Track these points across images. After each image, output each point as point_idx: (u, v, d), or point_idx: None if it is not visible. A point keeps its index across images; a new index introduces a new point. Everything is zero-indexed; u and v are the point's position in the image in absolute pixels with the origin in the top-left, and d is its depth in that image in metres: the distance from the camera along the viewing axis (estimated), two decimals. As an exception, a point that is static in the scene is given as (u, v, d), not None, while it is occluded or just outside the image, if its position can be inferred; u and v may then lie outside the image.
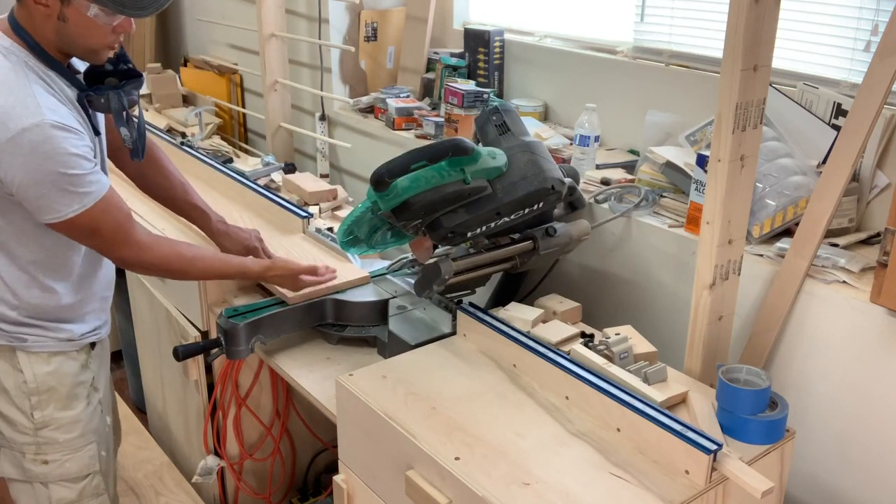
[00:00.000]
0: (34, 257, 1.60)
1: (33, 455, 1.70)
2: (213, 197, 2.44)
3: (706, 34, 2.13)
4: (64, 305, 1.67)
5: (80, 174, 1.47)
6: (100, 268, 1.74)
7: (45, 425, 1.69)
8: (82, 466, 1.76)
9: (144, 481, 2.38)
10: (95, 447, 1.78)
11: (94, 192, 1.50)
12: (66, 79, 1.54)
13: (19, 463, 1.71)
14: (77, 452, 1.74)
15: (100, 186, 1.51)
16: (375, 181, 1.51)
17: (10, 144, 1.41)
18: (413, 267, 1.99)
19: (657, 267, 1.88)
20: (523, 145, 1.64)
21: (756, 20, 1.34)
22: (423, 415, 1.45)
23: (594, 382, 1.44)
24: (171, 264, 1.67)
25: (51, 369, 1.67)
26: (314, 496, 2.39)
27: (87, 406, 1.75)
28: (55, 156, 1.44)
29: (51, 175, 1.44)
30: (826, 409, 1.62)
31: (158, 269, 1.70)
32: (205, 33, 3.76)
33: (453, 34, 2.86)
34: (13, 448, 1.71)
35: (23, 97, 1.43)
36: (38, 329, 1.65)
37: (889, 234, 1.42)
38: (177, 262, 1.68)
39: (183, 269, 1.70)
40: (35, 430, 1.69)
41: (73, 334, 1.70)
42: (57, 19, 1.46)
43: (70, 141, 1.45)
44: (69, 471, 1.74)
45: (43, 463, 1.71)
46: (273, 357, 1.86)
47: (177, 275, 1.73)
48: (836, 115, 1.80)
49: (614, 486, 1.28)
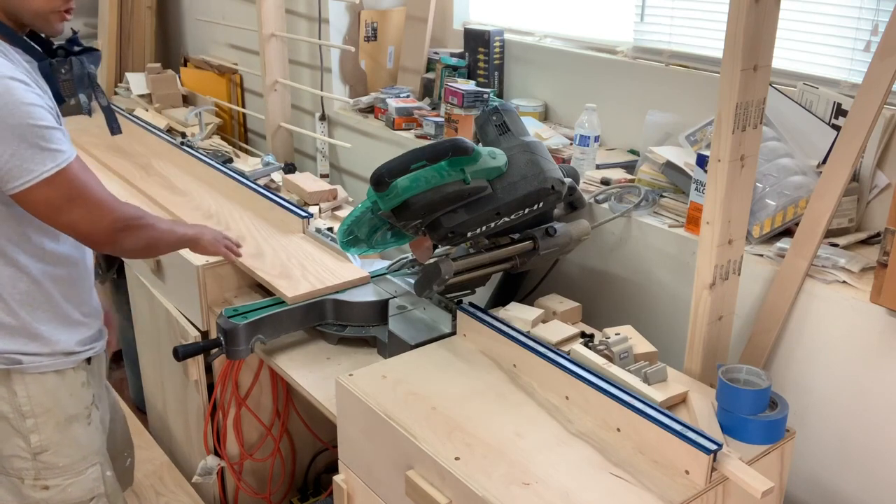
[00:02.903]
0: (33, 261, 1.53)
1: (32, 481, 1.62)
2: (213, 197, 2.45)
3: (706, 34, 2.13)
4: (55, 307, 1.59)
5: (49, 127, 1.37)
6: (78, 265, 1.65)
7: (43, 449, 1.61)
8: (86, 491, 1.68)
9: (144, 481, 2.39)
10: (99, 469, 1.70)
11: (67, 151, 1.40)
12: (23, 48, 1.46)
13: (17, 489, 1.63)
14: (79, 476, 1.66)
15: (69, 147, 1.42)
16: (375, 181, 1.51)
17: None
18: (413, 267, 1.99)
19: (657, 267, 1.88)
20: (523, 145, 1.64)
21: (756, 20, 1.34)
22: (423, 415, 1.45)
23: (594, 382, 1.44)
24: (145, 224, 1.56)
25: (48, 389, 1.60)
26: (314, 496, 2.40)
27: (87, 426, 1.67)
28: (19, 105, 1.33)
29: (18, 128, 1.33)
30: (826, 409, 1.62)
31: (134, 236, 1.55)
32: (205, 33, 3.75)
33: (453, 34, 2.86)
34: (10, 474, 1.62)
35: None
36: (34, 345, 1.57)
37: (889, 234, 1.41)
38: (151, 219, 1.59)
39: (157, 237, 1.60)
40: (34, 454, 1.61)
41: (69, 346, 1.61)
42: None
43: (32, 94, 1.36)
44: (72, 496, 1.66)
45: (43, 489, 1.63)
46: (273, 357, 1.86)
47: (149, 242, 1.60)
48: (836, 115, 1.80)
49: (614, 486, 1.28)
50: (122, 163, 2.73)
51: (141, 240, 1.57)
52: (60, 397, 1.62)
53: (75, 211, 1.44)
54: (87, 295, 1.68)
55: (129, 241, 1.55)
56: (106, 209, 1.48)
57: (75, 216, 1.45)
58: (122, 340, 2.99)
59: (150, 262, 2.24)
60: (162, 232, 1.63)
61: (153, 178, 2.61)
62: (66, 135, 1.47)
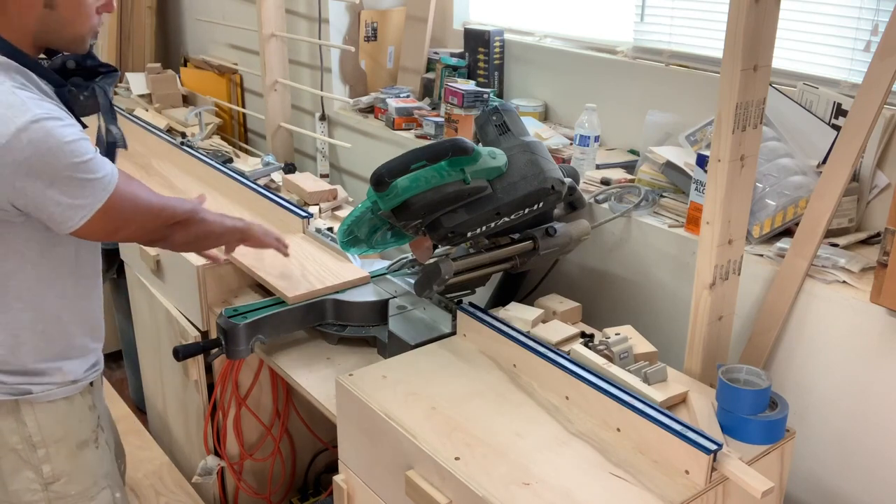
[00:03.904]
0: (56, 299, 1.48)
1: None
2: (213, 197, 2.44)
3: (706, 34, 2.13)
4: (70, 340, 1.54)
5: (91, 158, 1.34)
6: (95, 291, 1.61)
7: (55, 479, 1.55)
8: None
9: (144, 481, 2.39)
10: (109, 493, 1.65)
11: (110, 172, 1.37)
12: (41, 75, 1.40)
13: None
14: (91, 502, 1.61)
15: (110, 166, 1.39)
16: (375, 181, 1.51)
17: (7, 151, 1.26)
18: (413, 267, 1.99)
19: (657, 267, 1.88)
20: (523, 145, 1.64)
21: (756, 20, 1.34)
22: (423, 415, 1.45)
23: (594, 382, 1.44)
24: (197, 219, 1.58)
25: (58, 417, 1.54)
26: (314, 496, 2.40)
27: (96, 449, 1.62)
28: (63, 146, 1.30)
29: (66, 169, 1.30)
30: (826, 409, 1.62)
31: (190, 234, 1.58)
32: (205, 33, 3.75)
33: (453, 34, 2.86)
34: None
35: (2, 97, 1.28)
36: (45, 377, 1.51)
37: (889, 234, 1.42)
38: (202, 213, 1.59)
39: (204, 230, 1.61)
40: (45, 485, 1.55)
41: (78, 374, 1.56)
42: (43, 7, 1.35)
43: (68, 129, 1.32)
44: None
45: None
46: (273, 357, 1.86)
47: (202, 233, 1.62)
48: (836, 115, 1.80)
49: (614, 486, 1.28)
50: (121, 163, 2.66)
51: (191, 234, 1.59)
52: (71, 424, 1.57)
53: (131, 226, 1.46)
54: (98, 318, 1.63)
55: (179, 236, 1.56)
56: (157, 212, 1.49)
57: (132, 230, 1.48)
58: (122, 340, 2.99)
59: (149, 262, 2.24)
60: (212, 224, 1.64)
61: (153, 178, 2.61)
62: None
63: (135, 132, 2.98)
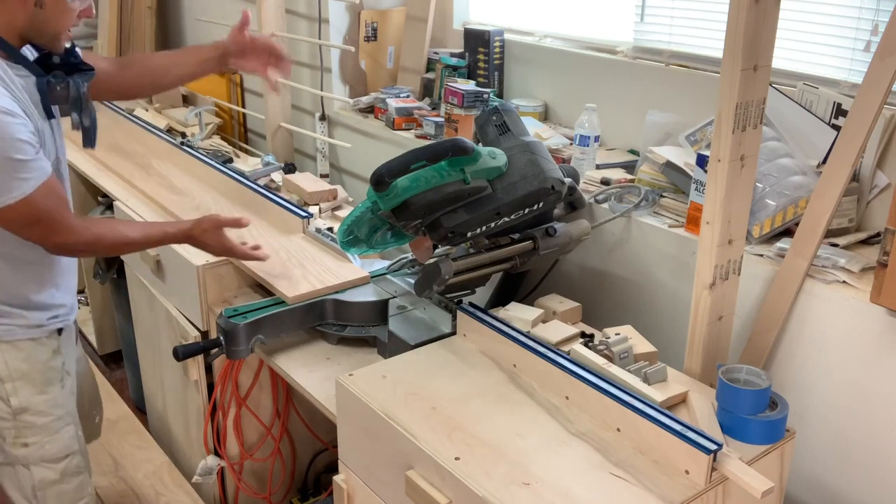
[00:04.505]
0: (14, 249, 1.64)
1: (13, 439, 1.76)
2: (213, 197, 2.44)
3: (706, 34, 2.13)
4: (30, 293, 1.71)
5: (26, 160, 1.50)
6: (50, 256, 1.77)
7: (23, 410, 1.74)
8: (62, 447, 1.82)
9: (144, 481, 2.39)
10: (73, 428, 1.84)
11: (35, 178, 1.53)
12: (24, 65, 1.56)
13: (0, 447, 1.77)
14: (55, 434, 1.80)
15: (41, 172, 1.54)
16: (375, 181, 1.51)
17: None
18: (413, 267, 1.99)
19: (657, 267, 1.88)
20: (523, 145, 1.64)
21: (756, 20, 1.34)
22: (423, 415, 1.45)
23: (594, 382, 1.44)
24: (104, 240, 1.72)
25: (23, 356, 1.73)
26: (314, 496, 2.40)
27: (61, 389, 1.80)
28: (6, 140, 1.46)
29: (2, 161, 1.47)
30: (826, 409, 1.62)
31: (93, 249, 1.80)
32: (205, 33, 3.75)
33: (453, 34, 2.86)
34: None
35: None
36: (6, 318, 1.69)
37: (889, 234, 1.42)
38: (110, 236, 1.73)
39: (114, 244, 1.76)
40: (14, 414, 1.74)
41: (42, 320, 1.74)
42: (34, 6, 1.51)
43: (17, 127, 1.48)
44: (49, 452, 1.80)
45: (23, 446, 1.77)
46: (273, 357, 1.86)
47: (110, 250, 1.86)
48: (836, 115, 1.80)
49: (614, 486, 1.28)
50: (121, 162, 2.73)
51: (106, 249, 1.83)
52: (34, 363, 1.75)
53: (35, 230, 1.59)
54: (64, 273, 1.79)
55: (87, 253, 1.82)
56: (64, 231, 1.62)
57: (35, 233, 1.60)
58: (122, 340, 2.99)
59: (150, 262, 2.24)
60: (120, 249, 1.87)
61: (153, 177, 2.61)
62: (46, 150, 1.59)
63: (135, 132, 2.98)
